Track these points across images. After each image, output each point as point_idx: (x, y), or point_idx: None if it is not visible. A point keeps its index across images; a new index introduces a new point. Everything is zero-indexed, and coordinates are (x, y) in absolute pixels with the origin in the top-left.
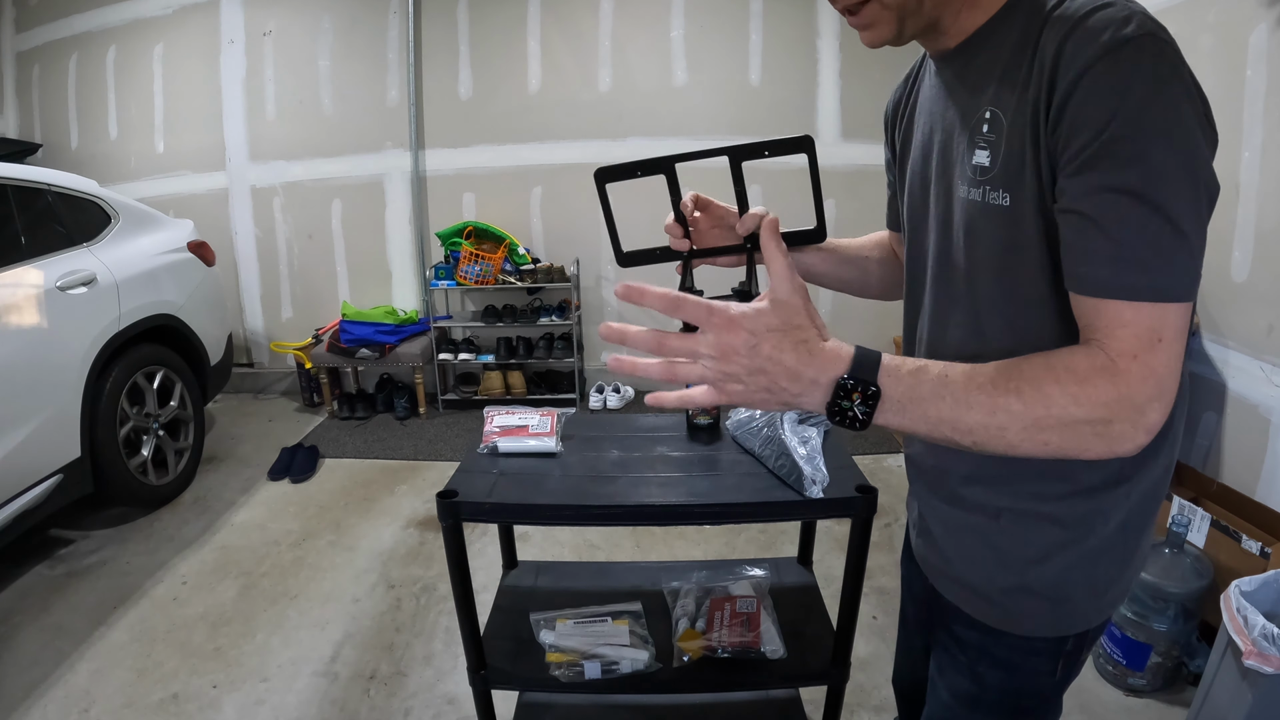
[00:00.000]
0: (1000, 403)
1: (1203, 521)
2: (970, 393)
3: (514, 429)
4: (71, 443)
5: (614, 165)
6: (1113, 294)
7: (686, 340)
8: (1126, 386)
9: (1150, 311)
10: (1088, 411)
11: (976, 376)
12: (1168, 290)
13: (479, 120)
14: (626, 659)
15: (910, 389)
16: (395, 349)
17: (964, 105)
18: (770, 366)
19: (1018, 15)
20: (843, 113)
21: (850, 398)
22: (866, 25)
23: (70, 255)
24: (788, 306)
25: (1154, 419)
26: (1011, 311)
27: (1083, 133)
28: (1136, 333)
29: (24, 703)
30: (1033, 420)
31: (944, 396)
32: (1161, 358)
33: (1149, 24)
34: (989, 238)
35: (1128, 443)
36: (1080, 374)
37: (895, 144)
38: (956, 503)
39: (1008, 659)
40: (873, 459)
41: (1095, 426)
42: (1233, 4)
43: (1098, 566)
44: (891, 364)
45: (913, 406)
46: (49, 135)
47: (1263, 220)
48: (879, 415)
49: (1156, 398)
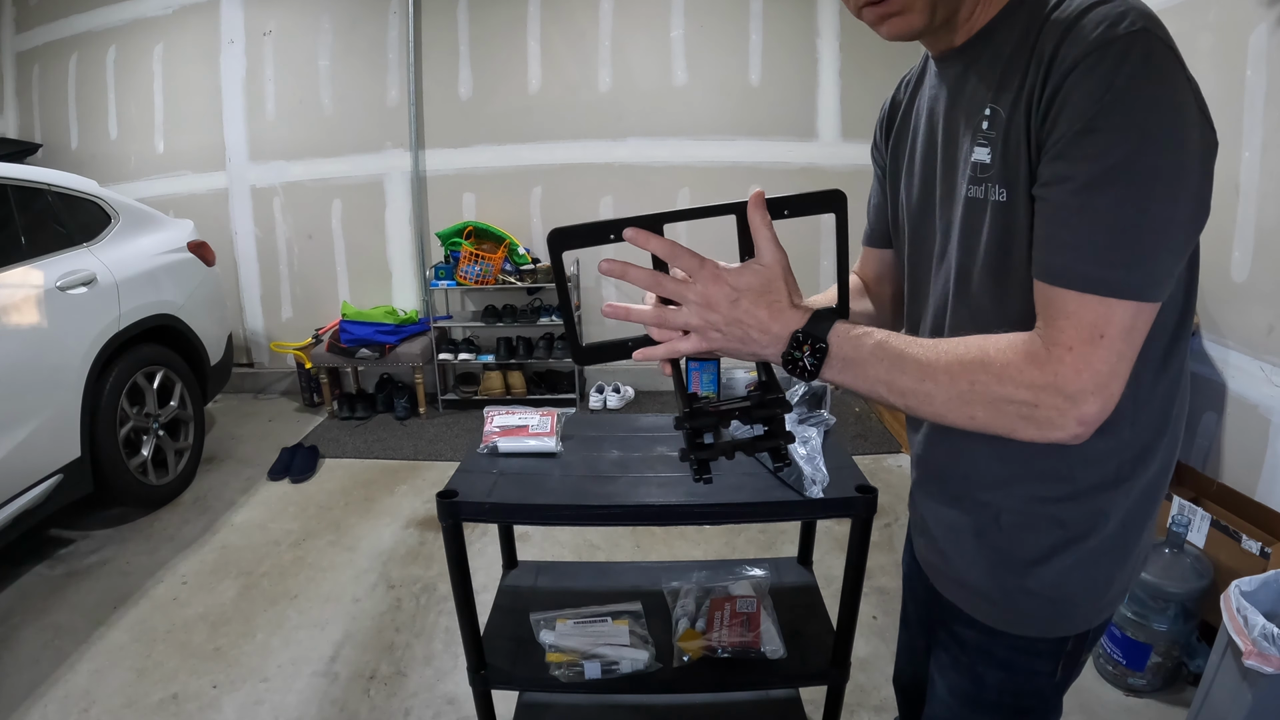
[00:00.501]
0: (929, 371)
1: (1203, 521)
2: (904, 359)
3: (514, 429)
4: (71, 443)
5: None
6: (1062, 282)
7: (677, 282)
8: (1054, 375)
9: (1095, 306)
10: (1011, 392)
11: (913, 345)
12: (1119, 287)
13: (479, 120)
14: (626, 659)
15: (854, 349)
16: (395, 349)
17: (968, 104)
18: (746, 319)
19: (1020, 13)
20: (843, 113)
21: (801, 349)
22: (897, 12)
23: (70, 255)
24: (768, 271)
25: (1089, 411)
26: (1014, 310)
27: (1063, 123)
28: (1077, 325)
29: (24, 703)
30: (957, 392)
31: (881, 359)
32: (1101, 354)
33: (1142, 20)
34: (989, 234)
35: (1059, 430)
36: (1009, 356)
37: (887, 151)
38: (957, 503)
39: (1008, 659)
40: (873, 459)
41: (1020, 408)
42: (1233, 4)
43: (1098, 567)
44: (841, 326)
45: (854, 365)
46: (49, 135)
47: (1263, 220)
48: (825, 369)
49: (1092, 391)
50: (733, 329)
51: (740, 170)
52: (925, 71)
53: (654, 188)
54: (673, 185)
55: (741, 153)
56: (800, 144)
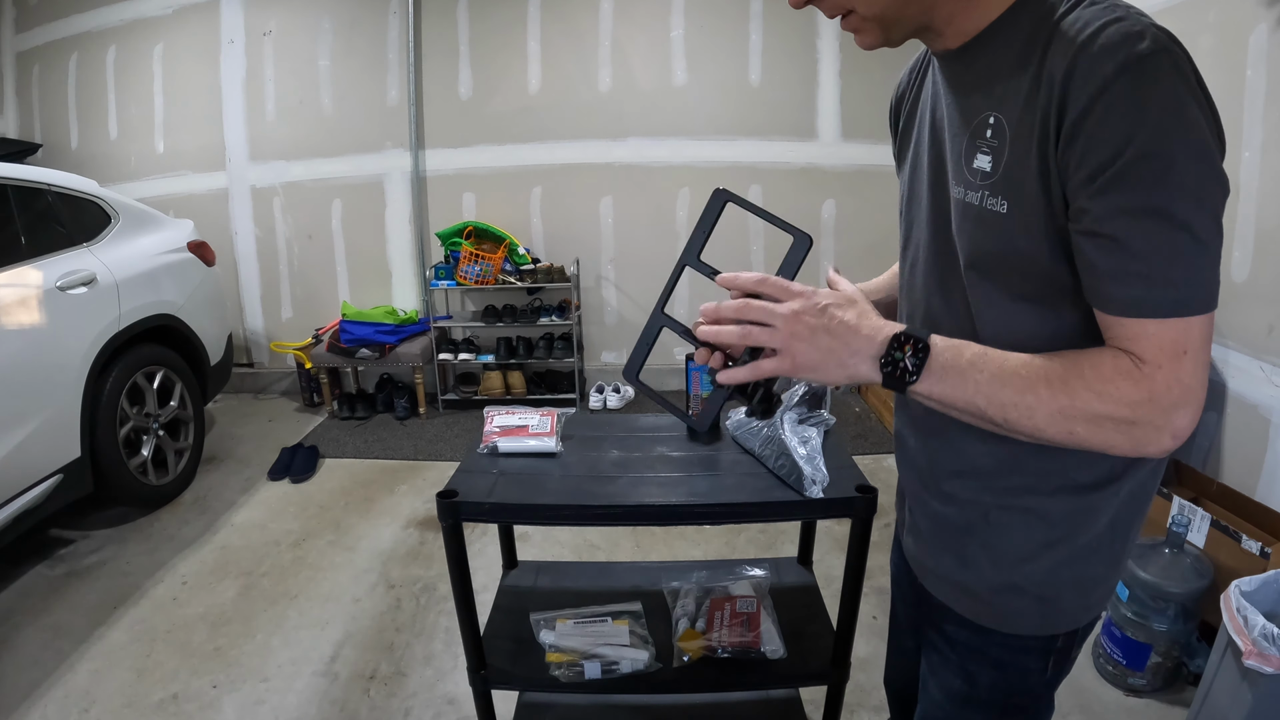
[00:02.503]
0: (1030, 385)
1: (1203, 521)
2: (1005, 372)
3: (514, 429)
4: (71, 443)
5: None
6: (1142, 313)
7: (763, 304)
8: (1150, 390)
9: (1177, 325)
10: (1111, 409)
11: (1011, 359)
12: (1193, 304)
13: (479, 120)
14: (626, 659)
15: (954, 356)
16: (395, 349)
17: (965, 106)
18: (834, 325)
19: (1023, 20)
20: (843, 113)
21: (903, 349)
22: (853, 31)
23: (70, 255)
24: (850, 294)
25: (1182, 424)
26: (1001, 314)
27: (1101, 152)
28: (1162, 345)
29: (24, 703)
30: (1058, 408)
31: (982, 370)
32: (1188, 367)
33: (1163, 39)
34: (982, 242)
35: (1154, 444)
36: (1105, 373)
37: (896, 142)
38: (946, 500)
39: (999, 657)
40: (873, 459)
41: (1119, 425)
42: (1233, 4)
43: (1088, 565)
44: (938, 335)
45: (954, 374)
46: (49, 135)
47: (1263, 220)
48: (924, 376)
49: (1184, 404)
50: (819, 338)
51: (740, 170)
52: (928, 61)
53: (654, 188)
54: (673, 185)
55: (741, 153)
56: (800, 144)
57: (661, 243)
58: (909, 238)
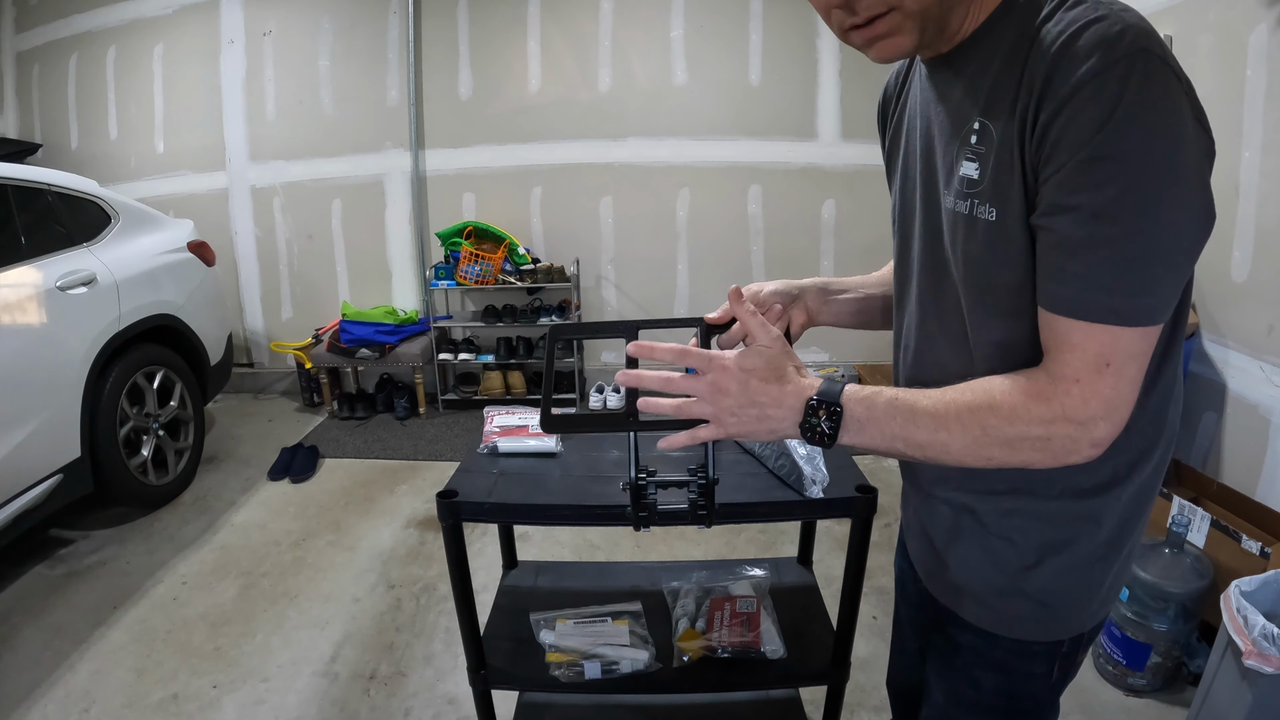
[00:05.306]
0: (942, 422)
1: (1203, 521)
2: (916, 413)
3: (514, 429)
4: (71, 443)
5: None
6: (1069, 312)
7: (689, 379)
8: (1062, 407)
9: (1101, 335)
10: (1023, 430)
11: (923, 398)
12: (1125, 314)
13: (479, 120)
14: (626, 659)
15: (867, 409)
16: (395, 349)
17: (954, 113)
18: (759, 396)
19: (1010, 21)
20: (842, 113)
21: (818, 414)
22: (885, 35)
23: (70, 255)
24: (770, 350)
25: (1100, 434)
26: (996, 324)
27: (1064, 150)
28: (1083, 357)
29: (24, 703)
30: (971, 439)
31: (894, 416)
32: (1108, 381)
33: (1141, 40)
34: (975, 251)
35: (1074, 455)
36: (1015, 398)
37: (885, 147)
38: (948, 504)
39: (1003, 662)
40: (873, 459)
41: (1034, 443)
42: (1233, 4)
43: (1091, 570)
44: (851, 389)
45: (870, 425)
46: (49, 135)
47: (1263, 220)
48: (843, 432)
49: (1102, 416)
50: (747, 410)
51: (740, 170)
52: (914, 66)
53: (654, 188)
54: (673, 185)
55: (741, 153)
56: (800, 144)
57: (661, 243)
58: (903, 249)
